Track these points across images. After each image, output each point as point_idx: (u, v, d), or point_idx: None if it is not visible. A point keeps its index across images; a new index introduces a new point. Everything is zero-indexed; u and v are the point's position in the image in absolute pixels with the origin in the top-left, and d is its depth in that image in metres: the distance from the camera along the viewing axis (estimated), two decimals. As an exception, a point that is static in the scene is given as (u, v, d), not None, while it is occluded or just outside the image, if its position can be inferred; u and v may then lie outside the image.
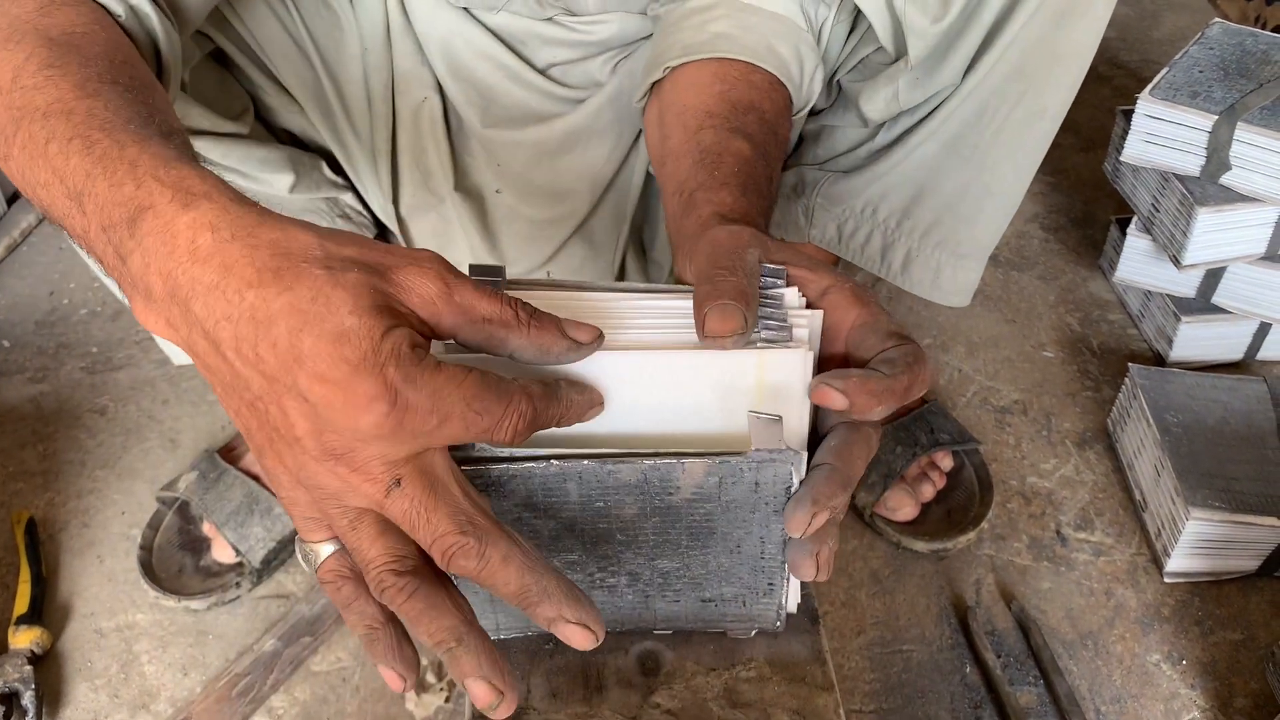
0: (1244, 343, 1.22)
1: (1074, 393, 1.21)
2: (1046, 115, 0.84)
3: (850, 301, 0.53)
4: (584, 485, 0.50)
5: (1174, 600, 1.00)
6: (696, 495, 0.51)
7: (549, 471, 0.49)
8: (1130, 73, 1.74)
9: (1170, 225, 1.14)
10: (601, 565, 0.54)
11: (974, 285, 0.94)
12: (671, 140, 0.72)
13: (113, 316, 1.29)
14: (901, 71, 0.80)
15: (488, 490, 0.50)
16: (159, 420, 1.17)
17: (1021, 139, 0.84)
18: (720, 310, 0.48)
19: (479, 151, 0.94)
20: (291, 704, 0.91)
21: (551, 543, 0.53)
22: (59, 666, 0.94)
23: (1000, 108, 0.82)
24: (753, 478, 0.50)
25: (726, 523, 0.52)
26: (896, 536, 1.03)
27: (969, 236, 0.90)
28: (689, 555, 0.54)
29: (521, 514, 0.51)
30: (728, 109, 0.71)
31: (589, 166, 0.94)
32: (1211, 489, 0.97)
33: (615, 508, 0.51)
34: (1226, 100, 1.09)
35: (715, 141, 0.68)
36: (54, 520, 1.06)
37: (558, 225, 0.96)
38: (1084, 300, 1.34)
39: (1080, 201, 1.50)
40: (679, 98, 0.74)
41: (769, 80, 0.75)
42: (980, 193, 0.87)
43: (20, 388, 1.21)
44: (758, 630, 0.60)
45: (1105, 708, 0.91)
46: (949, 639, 0.96)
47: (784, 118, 0.75)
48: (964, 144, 0.84)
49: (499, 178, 0.94)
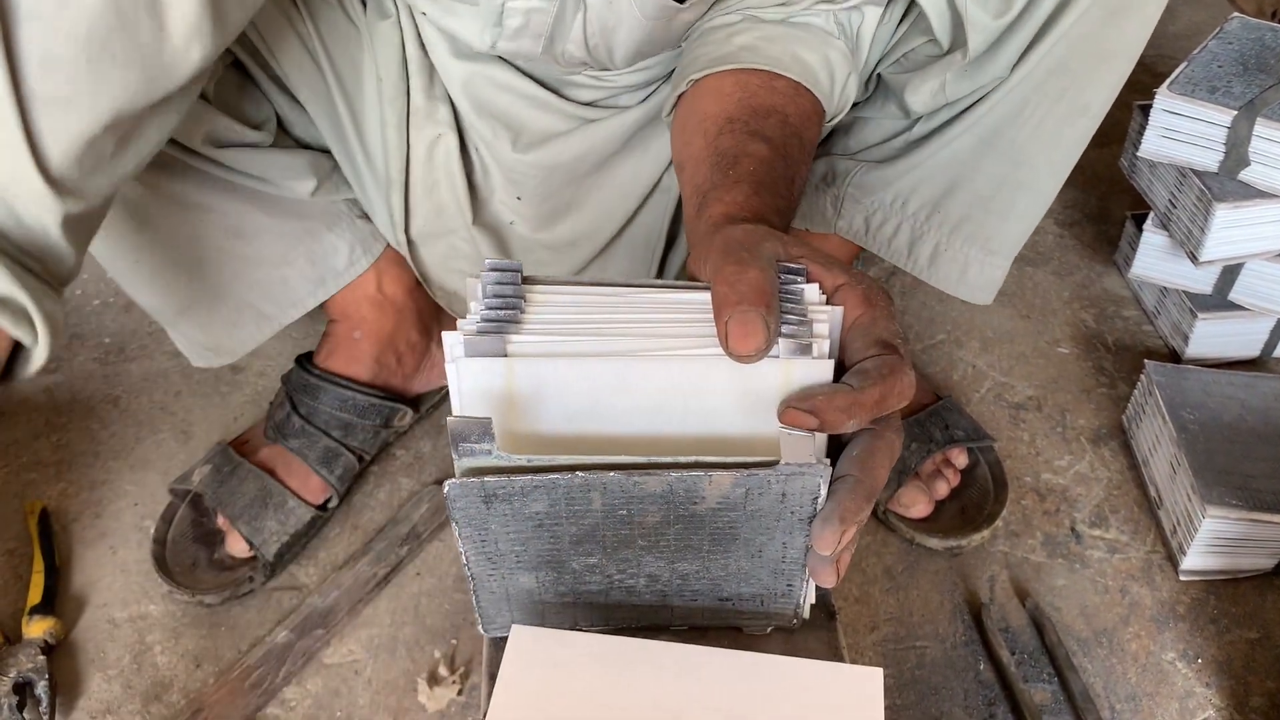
0: (1261, 339, 1.21)
1: (1089, 389, 1.20)
2: (1088, 113, 0.83)
3: (857, 301, 0.52)
4: (608, 495, 0.50)
5: (1189, 598, 0.99)
6: (722, 505, 0.50)
7: (574, 482, 0.49)
8: (1147, 68, 1.72)
9: (1187, 221, 1.13)
10: (621, 568, 0.54)
11: (999, 283, 0.94)
12: (692, 147, 0.71)
13: (125, 308, 1.30)
14: (953, 64, 0.79)
15: (510, 499, 0.49)
16: (172, 412, 1.17)
17: (1060, 136, 0.83)
18: (741, 322, 0.47)
19: (499, 186, 0.93)
20: (304, 696, 0.91)
21: (572, 546, 0.53)
22: (72, 657, 0.94)
23: (1042, 103, 0.81)
24: (780, 489, 0.49)
25: (750, 530, 0.52)
26: (910, 533, 1.02)
27: (999, 232, 0.89)
28: (710, 559, 0.54)
29: (543, 520, 0.51)
30: (747, 114, 0.70)
31: (618, 185, 0.94)
32: (1228, 486, 0.96)
33: (639, 516, 0.51)
34: (1246, 95, 1.08)
35: (733, 145, 0.67)
36: (67, 511, 1.07)
37: (579, 247, 0.95)
38: (1099, 296, 1.33)
39: (1096, 197, 1.49)
40: (699, 105, 0.74)
41: (792, 86, 0.74)
42: (1014, 188, 0.87)
43: (33, 378, 1.20)
44: (773, 628, 0.60)
45: (1120, 706, 0.91)
46: (963, 636, 0.96)
47: (810, 122, 0.75)
48: (1001, 139, 0.83)
49: (514, 210, 0.94)
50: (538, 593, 0.56)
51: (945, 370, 1.22)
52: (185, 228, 0.87)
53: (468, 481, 0.49)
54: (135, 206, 0.84)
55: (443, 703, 0.90)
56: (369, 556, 1.01)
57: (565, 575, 0.55)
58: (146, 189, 0.82)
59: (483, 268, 0.52)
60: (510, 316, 0.50)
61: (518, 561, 0.53)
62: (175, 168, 0.84)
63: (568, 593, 0.56)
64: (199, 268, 0.90)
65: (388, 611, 0.98)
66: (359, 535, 1.04)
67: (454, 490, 0.49)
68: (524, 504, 0.50)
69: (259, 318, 0.97)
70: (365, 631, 0.96)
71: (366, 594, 0.98)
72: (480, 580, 0.55)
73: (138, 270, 0.89)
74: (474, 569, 0.54)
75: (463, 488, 0.49)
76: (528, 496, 0.50)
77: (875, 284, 0.53)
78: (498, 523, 0.51)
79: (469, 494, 0.49)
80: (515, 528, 0.51)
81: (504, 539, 0.52)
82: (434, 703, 0.90)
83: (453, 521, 0.51)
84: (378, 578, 0.99)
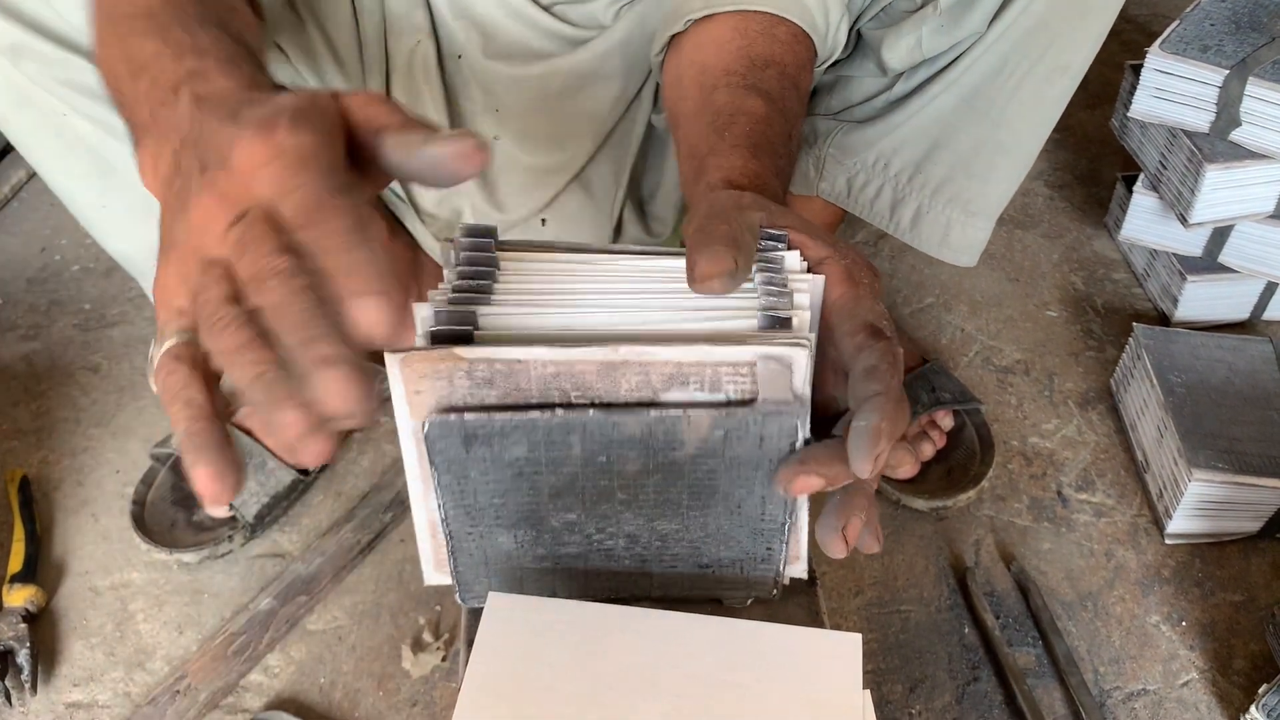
0: (1250, 302, 1.21)
1: (1077, 352, 1.20)
2: (1068, 72, 0.82)
3: (839, 278, 0.51)
4: (587, 438, 0.49)
5: (1174, 562, 0.99)
6: (700, 451, 0.50)
7: (553, 422, 0.48)
8: (1139, 26, 1.71)
9: (1178, 183, 1.12)
10: (600, 526, 0.54)
11: (983, 244, 0.93)
12: (687, 101, 0.70)
13: (106, 273, 1.28)
14: (927, 18, 0.78)
15: (490, 441, 0.48)
16: (153, 378, 1.16)
17: (1041, 95, 0.82)
18: (709, 253, 0.46)
19: (478, 96, 0.92)
20: (287, 663, 0.91)
21: (551, 500, 0.52)
22: (54, 625, 0.94)
23: (1021, 62, 0.80)
24: (758, 431, 0.49)
25: (729, 481, 0.51)
26: (896, 494, 1.02)
27: (980, 194, 0.89)
28: (689, 516, 0.53)
29: (523, 468, 0.50)
30: (745, 65, 0.69)
31: (591, 112, 0.92)
32: (1214, 450, 0.96)
33: (618, 463, 0.50)
34: (1238, 54, 1.06)
35: (729, 101, 0.66)
36: (48, 478, 1.06)
37: (556, 173, 0.94)
38: (1088, 259, 1.32)
39: (1086, 159, 1.47)
40: (698, 56, 0.72)
41: (792, 33, 0.72)
42: (994, 150, 0.86)
43: (12, 345, 1.20)
44: (754, 599, 0.60)
45: (1104, 668, 0.91)
46: (947, 600, 0.96)
47: (806, 71, 0.73)
48: (981, 98, 0.82)
49: (498, 124, 0.92)
50: (516, 555, 0.55)
51: (933, 333, 1.21)
52: None
53: (448, 419, 0.48)
54: (95, 149, 0.82)
55: (426, 668, 0.90)
56: (352, 523, 1.00)
57: (544, 534, 0.54)
58: (105, 131, 0.81)
59: (459, 231, 0.51)
60: (482, 286, 0.49)
61: (496, 518, 0.53)
62: None
63: (546, 556, 0.55)
64: None
65: (371, 578, 0.97)
66: (342, 502, 1.03)
67: (434, 430, 0.48)
68: (504, 447, 0.49)
69: None
70: (349, 598, 0.95)
71: (350, 561, 0.97)
72: (459, 540, 0.54)
73: (106, 215, 0.88)
74: (452, 525, 0.54)
75: (443, 426, 0.48)
76: (508, 438, 0.49)
77: (860, 258, 0.52)
78: (477, 469, 0.50)
79: (449, 434, 0.48)
80: (495, 476, 0.51)
81: (483, 489, 0.51)
82: (418, 668, 0.90)
83: (432, 470, 0.50)
84: (361, 544, 0.98)
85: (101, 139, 0.82)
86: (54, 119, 0.80)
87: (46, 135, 0.81)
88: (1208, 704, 0.89)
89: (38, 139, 0.82)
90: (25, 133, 0.82)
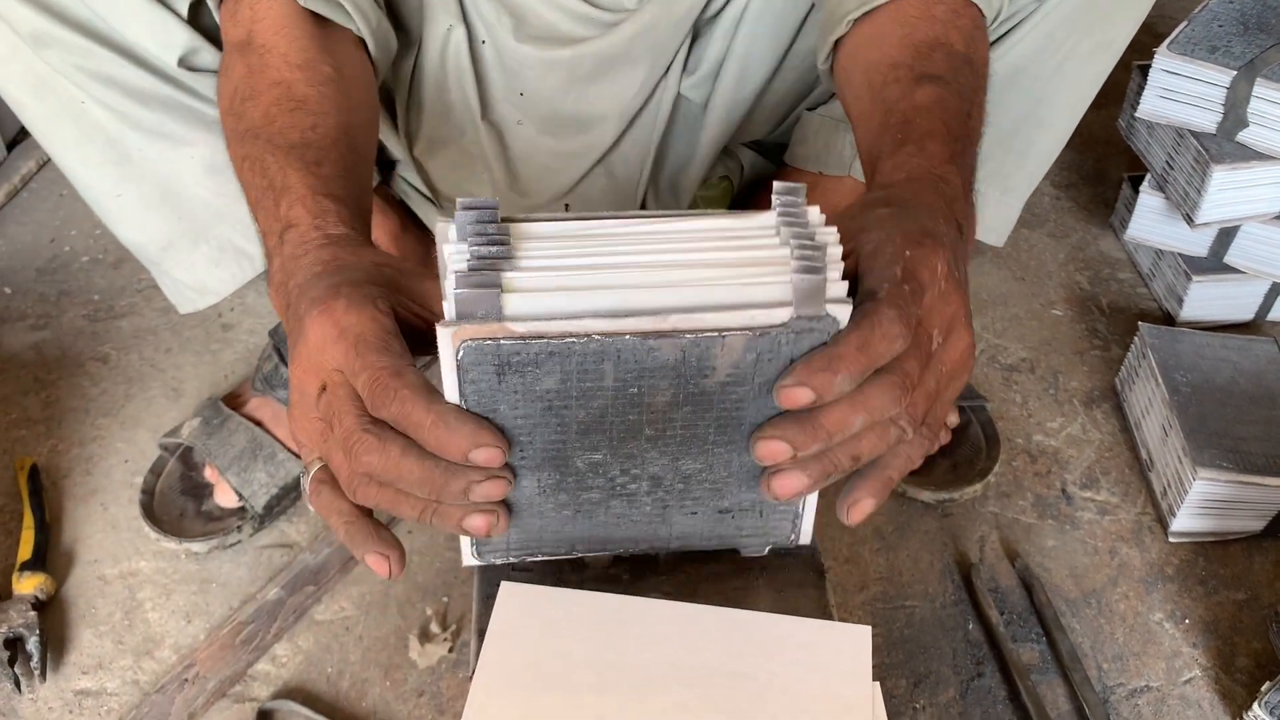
0: (1255, 303, 1.21)
1: (1082, 351, 1.20)
2: (1111, 48, 0.82)
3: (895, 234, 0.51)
4: (621, 366, 0.48)
5: (1178, 560, 1.00)
6: (731, 378, 0.49)
7: (588, 349, 0.47)
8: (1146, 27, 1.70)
9: (1184, 183, 1.13)
10: (625, 467, 0.53)
11: (1013, 223, 0.93)
12: (861, 103, 0.69)
13: (114, 264, 1.29)
14: None
15: (523, 370, 0.48)
16: (161, 369, 1.16)
17: (1083, 72, 0.82)
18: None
19: (502, 82, 0.92)
20: (295, 652, 0.92)
21: (580, 438, 0.51)
22: (63, 613, 0.94)
23: (1068, 39, 0.79)
24: (789, 353, 0.48)
25: (755, 411, 0.51)
26: (902, 486, 1.03)
27: (1016, 171, 0.89)
28: (714, 453, 0.53)
29: (553, 401, 0.49)
30: (910, 55, 0.67)
31: (618, 95, 0.93)
32: (1219, 449, 0.97)
33: (649, 393, 0.50)
34: (1246, 55, 1.07)
35: (899, 97, 0.65)
36: (57, 467, 1.06)
37: (580, 157, 0.94)
38: (1094, 258, 1.32)
39: (1092, 158, 1.48)
40: (863, 55, 0.71)
41: (951, 8, 0.70)
42: (1034, 126, 0.86)
43: (22, 335, 1.20)
44: (771, 547, 0.59)
45: (1107, 665, 0.92)
46: (952, 596, 0.97)
47: (976, 42, 0.71)
48: (1025, 74, 0.82)
49: (520, 109, 0.93)
50: (538, 502, 0.54)
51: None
52: (163, 162, 0.86)
53: (483, 344, 0.47)
54: (113, 139, 0.83)
55: (433, 659, 0.90)
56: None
57: (568, 478, 0.53)
58: (122, 120, 0.81)
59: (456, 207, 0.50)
60: (502, 253, 0.48)
61: (522, 457, 0.52)
62: (151, 97, 0.83)
63: (569, 502, 0.55)
64: (179, 203, 0.88)
65: (379, 569, 0.98)
66: (350, 493, 1.04)
67: (469, 355, 0.47)
68: (536, 378, 0.48)
69: (240, 256, 0.96)
70: (356, 589, 0.96)
71: (358, 551, 0.98)
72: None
73: (120, 204, 0.88)
74: None
75: (478, 352, 0.47)
76: (541, 368, 0.48)
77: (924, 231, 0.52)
78: (507, 403, 0.49)
79: (483, 361, 0.47)
80: (524, 410, 0.50)
81: (511, 426, 0.50)
82: (425, 659, 0.90)
83: (461, 401, 0.49)
84: (369, 535, 0.99)
85: (119, 128, 0.82)
86: (73, 107, 0.80)
87: (64, 123, 0.81)
88: (1210, 701, 0.90)
89: (55, 126, 0.82)
90: (43, 120, 0.82)
